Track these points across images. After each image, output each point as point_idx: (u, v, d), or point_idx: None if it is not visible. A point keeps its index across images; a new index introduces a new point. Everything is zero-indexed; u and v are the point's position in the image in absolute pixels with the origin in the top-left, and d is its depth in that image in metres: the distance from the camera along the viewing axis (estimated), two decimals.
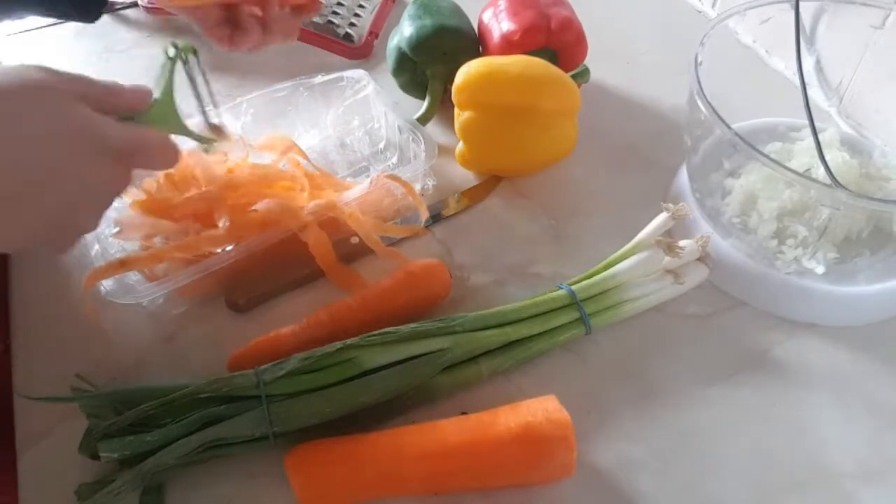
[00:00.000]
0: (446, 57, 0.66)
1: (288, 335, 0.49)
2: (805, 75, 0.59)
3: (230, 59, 0.77)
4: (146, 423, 0.43)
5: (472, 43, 0.70)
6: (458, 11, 0.71)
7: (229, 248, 0.52)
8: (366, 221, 0.55)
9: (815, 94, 0.66)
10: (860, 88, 0.65)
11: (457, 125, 0.61)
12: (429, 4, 0.69)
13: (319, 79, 0.64)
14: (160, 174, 0.55)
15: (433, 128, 0.69)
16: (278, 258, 0.54)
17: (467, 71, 0.60)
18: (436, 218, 0.60)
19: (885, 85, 0.63)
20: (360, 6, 0.83)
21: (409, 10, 0.70)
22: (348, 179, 0.62)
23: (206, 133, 0.51)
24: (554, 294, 0.50)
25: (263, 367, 0.45)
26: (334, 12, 0.80)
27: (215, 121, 0.51)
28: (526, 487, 0.43)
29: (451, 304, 0.54)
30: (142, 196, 0.54)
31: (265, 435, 0.43)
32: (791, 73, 0.65)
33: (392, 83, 0.71)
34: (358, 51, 0.78)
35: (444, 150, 0.67)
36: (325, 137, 0.66)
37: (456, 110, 0.61)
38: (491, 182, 0.63)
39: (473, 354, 0.48)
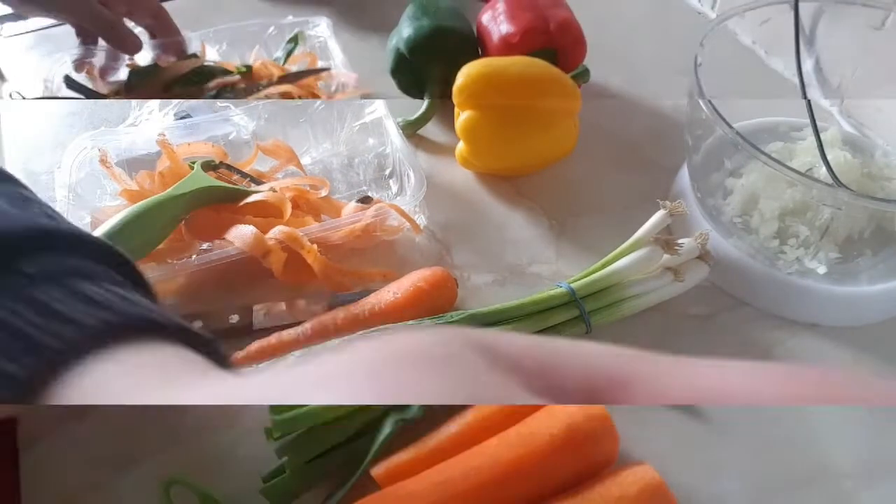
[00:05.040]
0: (444, 58, 0.66)
1: (291, 342, 0.49)
2: (805, 76, 0.59)
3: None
4: None
5: (471, 44, 0.70)
6: (456, 12, 0.70)
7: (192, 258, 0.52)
8: (325, 262, 0.52)
9: (814, 94, 0.66)
10: (860, 89, 0.65)
11: (457, 125, 0.61)
12: (427, 5, 0.69)
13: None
14: (158, 168, 0.56)
15: (433, 128, 0.69)
16: (238, 278, 0.53)
17: (468, 72, 0.60)
18: None
19: (885, 85, 0.63)
20: None
21: (408, 10, 0.69)
22: (343, 202, 0.59)
23: None
24: (553, 291, 0.50)
25: (260, 364, 0.45)
26: None
27: None
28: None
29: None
30: (134, 187, 0.54)
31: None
32: (791, 73, 0.65)
33: (392, 83, 0.71)
34: None
35: (444, 150, 0.67)
36: (335, 153, 0.65)
37: (456, 110, 0.61)
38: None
39: None
